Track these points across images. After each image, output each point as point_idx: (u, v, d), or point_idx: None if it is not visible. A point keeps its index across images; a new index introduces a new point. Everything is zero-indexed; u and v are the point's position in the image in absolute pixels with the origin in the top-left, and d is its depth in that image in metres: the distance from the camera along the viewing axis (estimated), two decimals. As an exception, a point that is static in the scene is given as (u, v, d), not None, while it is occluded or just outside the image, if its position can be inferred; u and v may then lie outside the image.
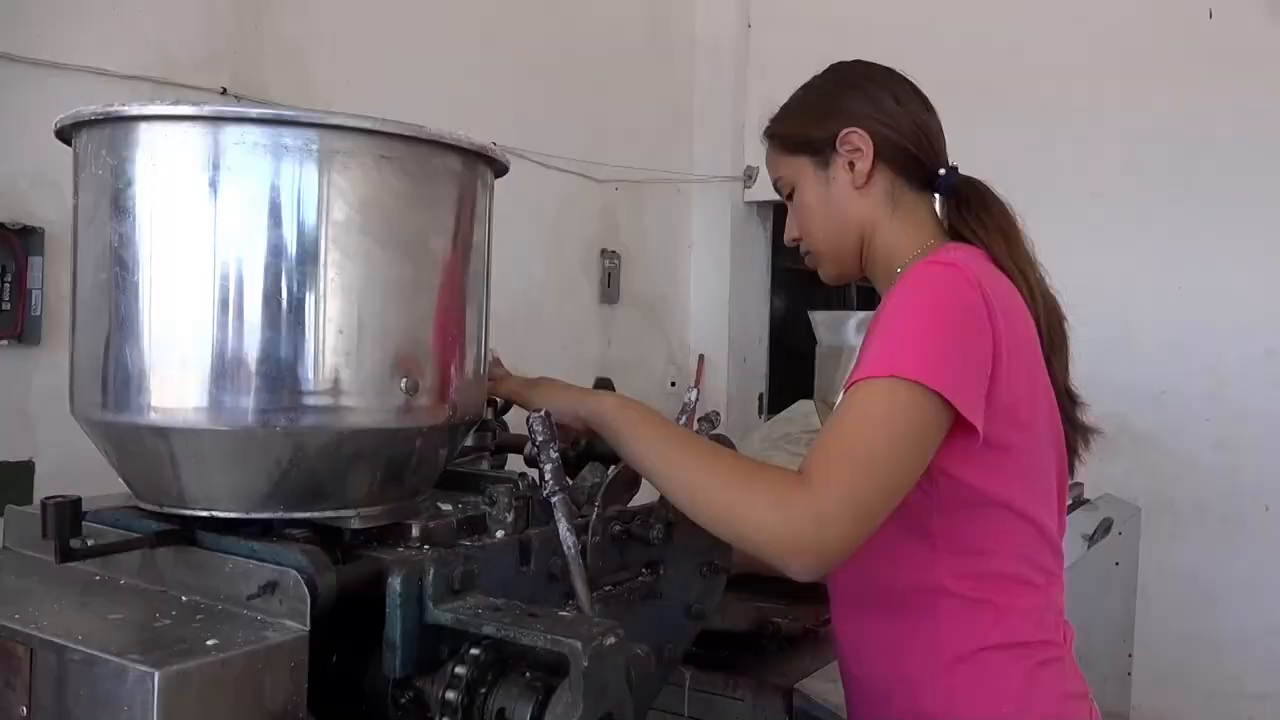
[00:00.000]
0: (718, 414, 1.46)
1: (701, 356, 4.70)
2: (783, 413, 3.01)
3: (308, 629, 0.98)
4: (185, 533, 1.09)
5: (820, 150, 1.36)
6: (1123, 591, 3.09)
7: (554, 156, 3.82)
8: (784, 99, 1.44)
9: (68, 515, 1.01)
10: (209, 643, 0.93)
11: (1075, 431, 1.36)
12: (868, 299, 6.45)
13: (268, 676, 0.94)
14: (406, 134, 1.08)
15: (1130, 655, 3.20)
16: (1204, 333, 3.85)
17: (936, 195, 1.38)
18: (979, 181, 1.38)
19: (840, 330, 2.88)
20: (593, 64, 4.09)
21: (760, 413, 4.82)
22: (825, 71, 1.43)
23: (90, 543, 1.05)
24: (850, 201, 1.35)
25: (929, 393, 1.11)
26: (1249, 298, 3.78)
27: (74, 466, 1.39)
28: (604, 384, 1.75)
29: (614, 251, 4.23)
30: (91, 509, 1.16)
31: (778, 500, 1.09)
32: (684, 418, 1.45)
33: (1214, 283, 3.83)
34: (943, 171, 1.37)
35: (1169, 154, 3.90)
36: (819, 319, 2.96)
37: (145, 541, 1.08)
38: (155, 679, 0.86)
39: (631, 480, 1.35)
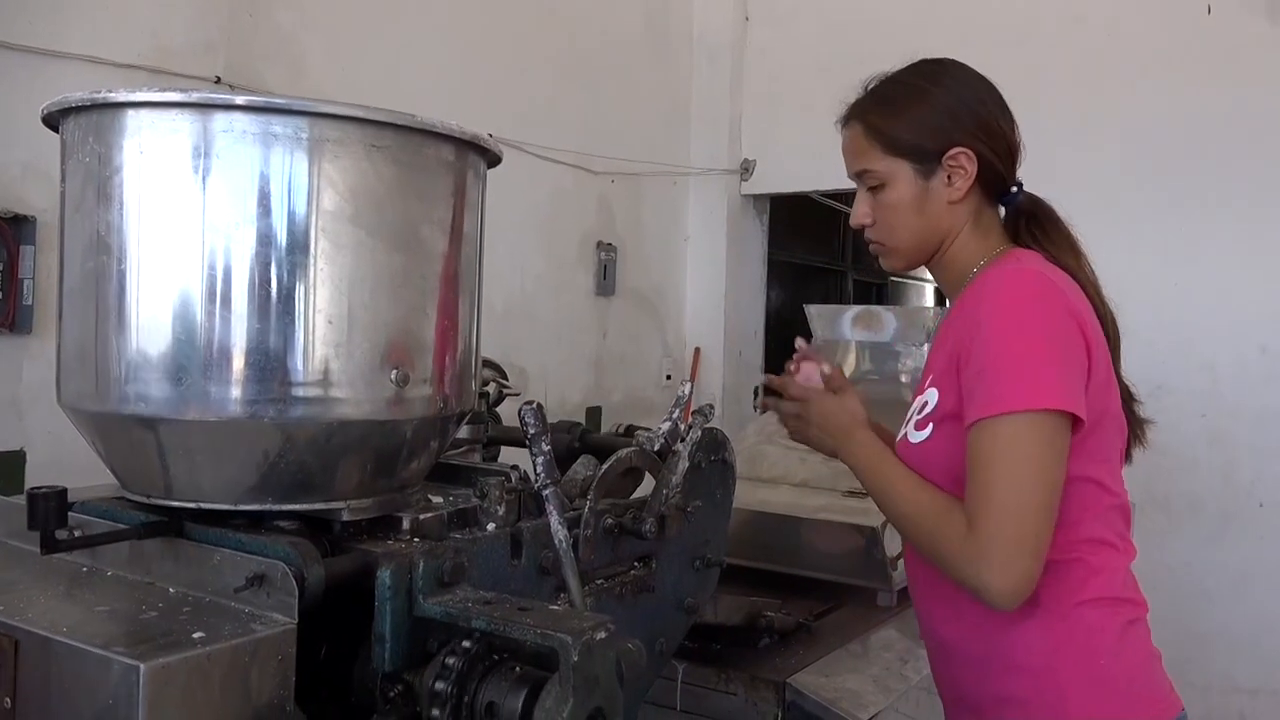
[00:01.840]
0: (711, 408, 1.45)
1: (697, 349, 4.69)
2: (778, 406, 2.99)
3: (295, 622, 0.97)
4: (173, 524, 1.09)
5: (925, 160, 1.40)
6: (1117, 587, 3.08)
7: (550, 148, 3.80)
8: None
9: (53, 506, 1.00)
10: (195, 635, 0.93)
11: (1133, 422, 1.45)
12: (863, 293, 6.44)
13: (255, 670, 0.94)
14: (397, 123, 1.07)
15: (1124, 650, 3.20)
16: (1200, 329, 3.85)
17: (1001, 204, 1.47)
18: (1043, 200, 1.46)
19: (836, 324, 2.88)
20: (590, 56, 4.08)
21: (755, 406, 4.81)
22: (932, 71, 1.44)
23: (77, 534, 1.04)
24: (943, 212, 1.41)
25: (1064, 415, 1.24)
26: (1244, 295, 3.78)
27: (66, 457, 1.38)
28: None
29: (610, 244, 4.22)
30: (79, 500, 1.16)
31: (959, 554, 1.26)
32: (678, 411, 1.44)
33: (1210, 280, 3.83)
34: (1014, 189, 1.44)
35: (1166, 152, 3.89)
36: (815, 313, 2.95)
37: (132, 533, 1.07)
38: (141, 672, 0.86)
39: (626, 472, 1.34)
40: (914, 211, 1.42)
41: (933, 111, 1.41)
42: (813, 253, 6.30)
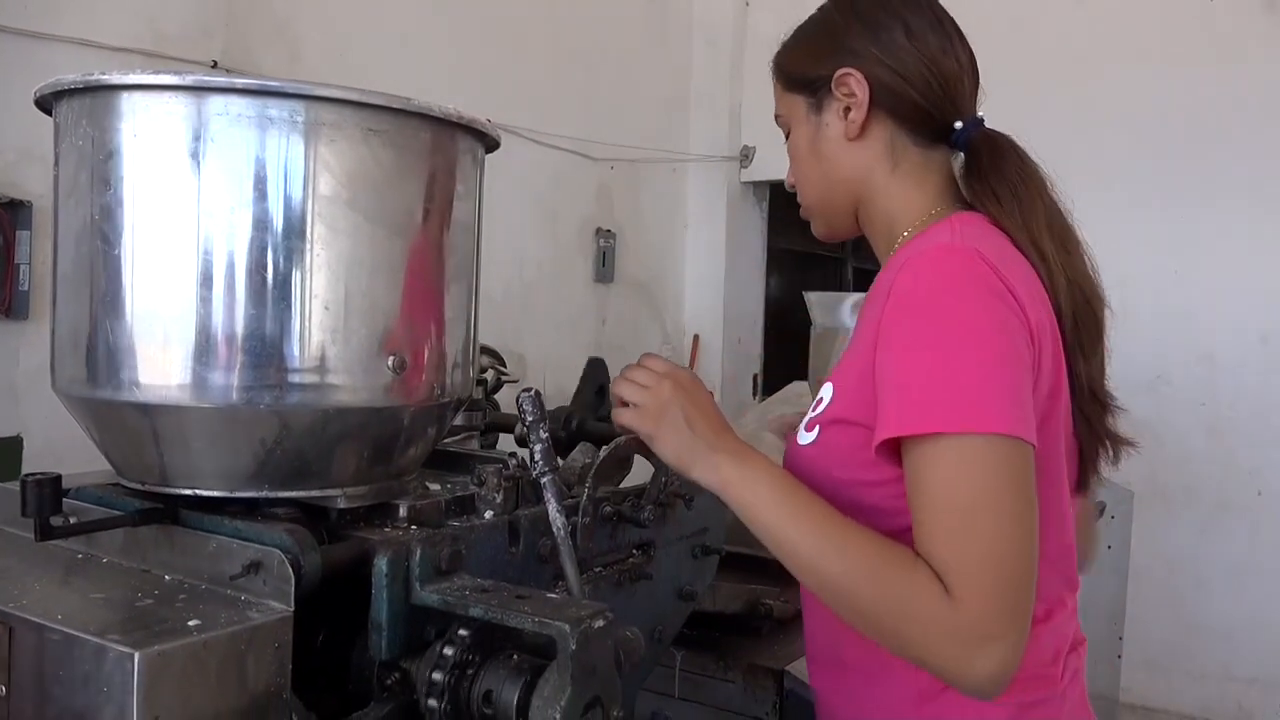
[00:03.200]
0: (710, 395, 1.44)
1: (696, 337, 4.69)
2: (776, 394, 3.00)
3: (292, 609, 0.97)
4: (168, 511, 1.08)
5: (816, 91, 1.18)
6: (1115, 575, 3.09)
7: (549, 134, 3.79)
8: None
9: (47, 493, 0.99)
10: (191, 623, 0.92)
11: (1098, 441, 1.13)
12: (864, 280, 6.48)
13: (251, 657, 0.93)
14: (394, 106, 1.06)
15: (1121, 638, 3.21)
16: (1199, 319, 3.85)
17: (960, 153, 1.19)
18: (1002, 138, 1.17)
19: (835, 311, 2.86)
20: (590, 42, 4.06)
21: (755, 393, 4.81)
22: None
23: (72, 520, 1.03)
24: (841, 154, 1.17)
25: (1022, 443, 0.96)
26: (1244, 284, 3.78)
27: (64, 443, 1.37)
28: (596, 366, 1.73)
29: (609, 231, 4.21)
30: (74, 486, 1.15)
31: (939, 632, 0.94)
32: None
33: (1210, 269, 3.83)
34: (959, 125, 1.15)
35: (1166, 141, 3.88)
36: (814, 300, 2.94)
37: (127, 520, 1.06)
38: (135, 660, 0.85)
39: (623, 460, 1.34)
40: (812, 155, 1.19)
41: (823, 33, 1.19)
42: (812, 240, 6.27)
